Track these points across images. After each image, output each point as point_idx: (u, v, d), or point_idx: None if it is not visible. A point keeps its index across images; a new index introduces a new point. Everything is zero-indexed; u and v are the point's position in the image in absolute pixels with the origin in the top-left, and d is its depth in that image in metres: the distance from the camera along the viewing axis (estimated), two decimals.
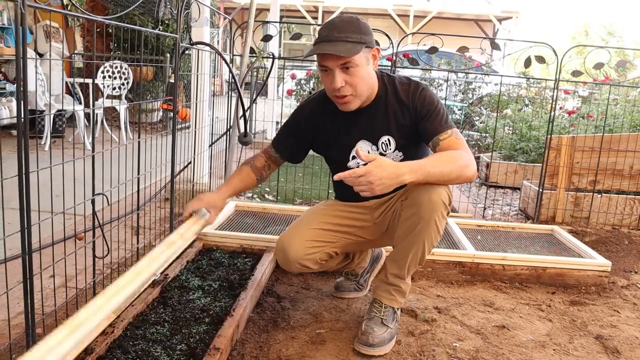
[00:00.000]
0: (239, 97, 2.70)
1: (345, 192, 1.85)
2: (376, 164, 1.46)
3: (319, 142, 1.90)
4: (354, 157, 1.83)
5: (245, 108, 2.80)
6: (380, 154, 1.79)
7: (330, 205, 1.94)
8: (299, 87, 7.45)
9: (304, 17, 14.28)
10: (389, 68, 3.43)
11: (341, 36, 1.61)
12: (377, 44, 1.76)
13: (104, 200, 1.81)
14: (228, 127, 3.36)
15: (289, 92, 7.51)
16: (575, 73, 3.43)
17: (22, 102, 1.32)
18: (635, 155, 3.48)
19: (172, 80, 2.78)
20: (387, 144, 1.79)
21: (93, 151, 1.75)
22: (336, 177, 1.51)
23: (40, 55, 6.19)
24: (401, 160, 1.78)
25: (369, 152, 1.80)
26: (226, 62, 2.75)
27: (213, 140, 3.51)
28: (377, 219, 1.87)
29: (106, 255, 1.90)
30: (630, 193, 3.52)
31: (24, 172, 1.35)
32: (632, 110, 4.86)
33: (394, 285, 1.78)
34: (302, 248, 1.77)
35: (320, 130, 1.87)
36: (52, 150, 4.50)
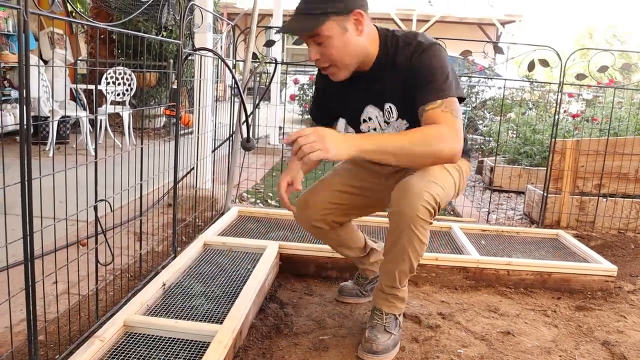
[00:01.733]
0: (242, 102, 2.70)
1: None
2: (316, 128, 1.43)
3: (333, 106, 1.85)
4: (364, 121, 1.77)
5: (248, 113, 2.80)
6: (385, 121, 1.72)
7: (352, 167, 1.93)
8: (301, 91, 7.46)
9: None
10: None
11: (306, 8, 1.53)
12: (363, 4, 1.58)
13: (107, 206, 1.80)
14: (231, 132, 3.36)
15: (292, 97, 7.52)
16: (580, 76, 3.42)
17: (24, 109, 1.32)
18: None
19: (175, 87, 2.80)
20: (389, 111, 1.69)
21: (96, 157, 1.74)
22: (284, 141, 1.45)
23: (45, 62, 6.23)
24: (406, 129, 1.69)
25: (377, 117, 1.73)
26: (229, 68, 2.75)
27: (216, 146, 3.51)
28: (388, 184, 1.80)
29: (109, 262, 1.90)
30: (636, 197, 3.50)
31: (26, 178, 1.34)
32: (636, 113, 4.84)
33: (391, 294, 1.77)
34: (318, 209, 1.86)
35: (331, 95, 1.82)
36: (56, 157, 4.52)
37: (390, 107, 1.69)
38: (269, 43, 3.49)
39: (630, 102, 5.66)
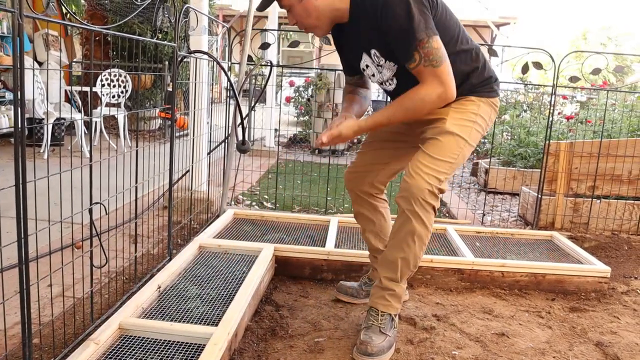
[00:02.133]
0: (237, 105, 2.70)
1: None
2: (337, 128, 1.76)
3: (346, 59, 2.02)
4: (364, 69, 1.90)
5: (244, 116, 2.81)
6: (378, 65, 1.82)
7: (380, 134, 2.05)
8: (297, 94, 7.47)
9: None
10: None
11: None
12: None
13: (102, 209, 1.80)
14: (226, 134, 3.36)
15: (288, 100, 7.53)
16: (573, 79, 3.44)
17: (19, 111, 1.32)
18: (634, 160, 3.49)
19: (170, 89, 2.80)
20: (377, 56, 1.80)
21: (91, 160, 1.74)
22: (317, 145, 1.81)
23: (40, 64, 6.21)
24: (397, 70, 1.79)
25: (371, 63, 1.84)
26: (224, 70, 2.75)
27: (211, 148, 3.51)
28: (416, 133, 1.90)
29: (104, 265, 1.89)
30: (629, 198, 3.52)
31: (20, 181, 1.34)
32: (629, 115, 4.86)
33: (388, 290, 1.78)
34: (365, 172, 2.03)
35: (339, 51, 2.01)
36: (51, 159, 4.51)
37: (375, 52, 1.80)
38: (264, 45, 3.49)
39: (623, 104, 5.70)
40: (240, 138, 2.85)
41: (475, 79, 1.82)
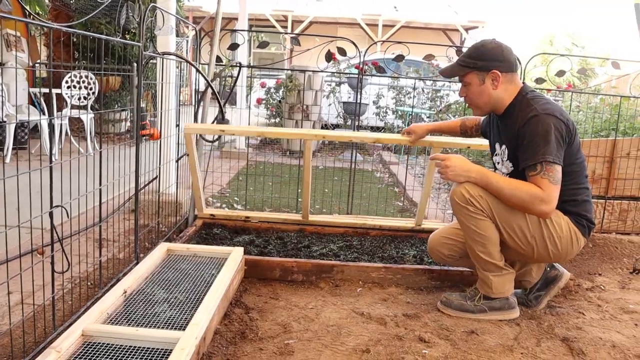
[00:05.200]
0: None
1: None
2: (456, 156, 2.00)
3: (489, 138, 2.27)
4: (495, 155, 2.17)
5: (216, 115, 2.77)
6: (502, 159, 2.10)
7: None
8: (268, 95, 7.42)
9: (274, 27, 14.28)
10: (357, 76, 3.46)
11: (460, 60, 2.08)
12: (499, 66, 2.02)
13: (64, 213, 1.75)
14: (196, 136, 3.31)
15: (259, 101, 7.48)
16: (539, 80, 3.51)
17: None
18: (597, 160, 3.57)
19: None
20: (504, 152, 2.09)
21: (51, 162, 1.69)
22: (430, 157, 2.23)
23: (2, 65, 6.02)
24: (512, 171, 2.06)
25: (500, 153, 2.12)
26: (196, 69, 2.71)
27: (179, 153, 3.45)
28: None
29: (67, 270, 1.83)
30: (593, 197, 3.60)
31: None
32: (593, 116, 4.99)
33: (478, 273, 2.14)
34: (437, 243, 2.25)
35: (486, 131, 2.33)
36: (13, 162, 4.37)
37: (504, 148, 2.09)
38: (233, 46, 3.46)
39: (587, 106, 5.84)
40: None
41: (570, 207, 2.03)
